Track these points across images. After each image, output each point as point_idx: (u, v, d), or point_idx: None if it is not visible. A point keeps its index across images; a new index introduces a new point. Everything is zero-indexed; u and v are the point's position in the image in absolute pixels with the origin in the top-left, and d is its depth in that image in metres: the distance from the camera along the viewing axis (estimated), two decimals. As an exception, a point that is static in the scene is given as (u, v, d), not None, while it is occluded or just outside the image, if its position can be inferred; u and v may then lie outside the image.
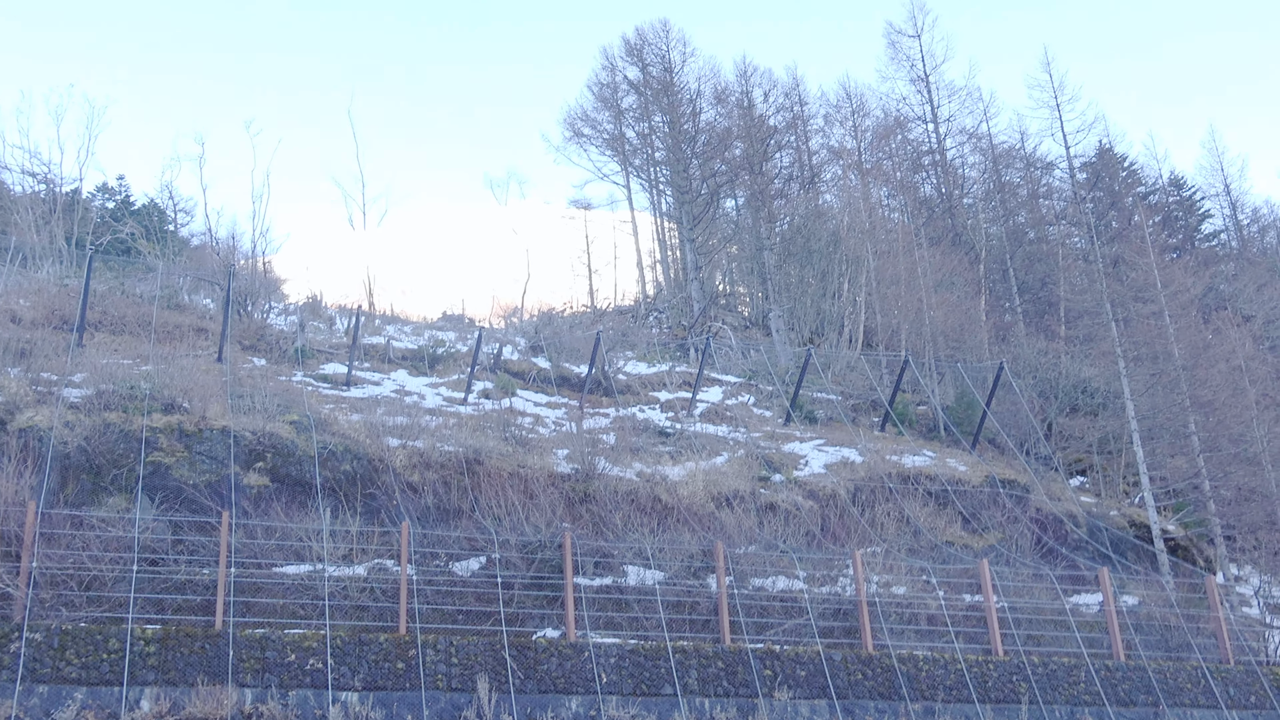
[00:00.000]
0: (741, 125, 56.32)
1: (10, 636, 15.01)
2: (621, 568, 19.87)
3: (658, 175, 61.29)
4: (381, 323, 41.03)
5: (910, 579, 21.17)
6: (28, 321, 26.90)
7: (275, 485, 20.13)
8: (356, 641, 16.52)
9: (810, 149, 61.15)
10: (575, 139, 63.07)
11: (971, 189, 57.47)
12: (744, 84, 59.30)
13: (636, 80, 61.12)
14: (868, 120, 60.31)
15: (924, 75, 59.43)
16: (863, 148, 59.01)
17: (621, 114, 62.02)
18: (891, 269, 42.32)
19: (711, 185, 55.11)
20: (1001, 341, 40.42)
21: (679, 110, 57.46)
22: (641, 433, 27.60)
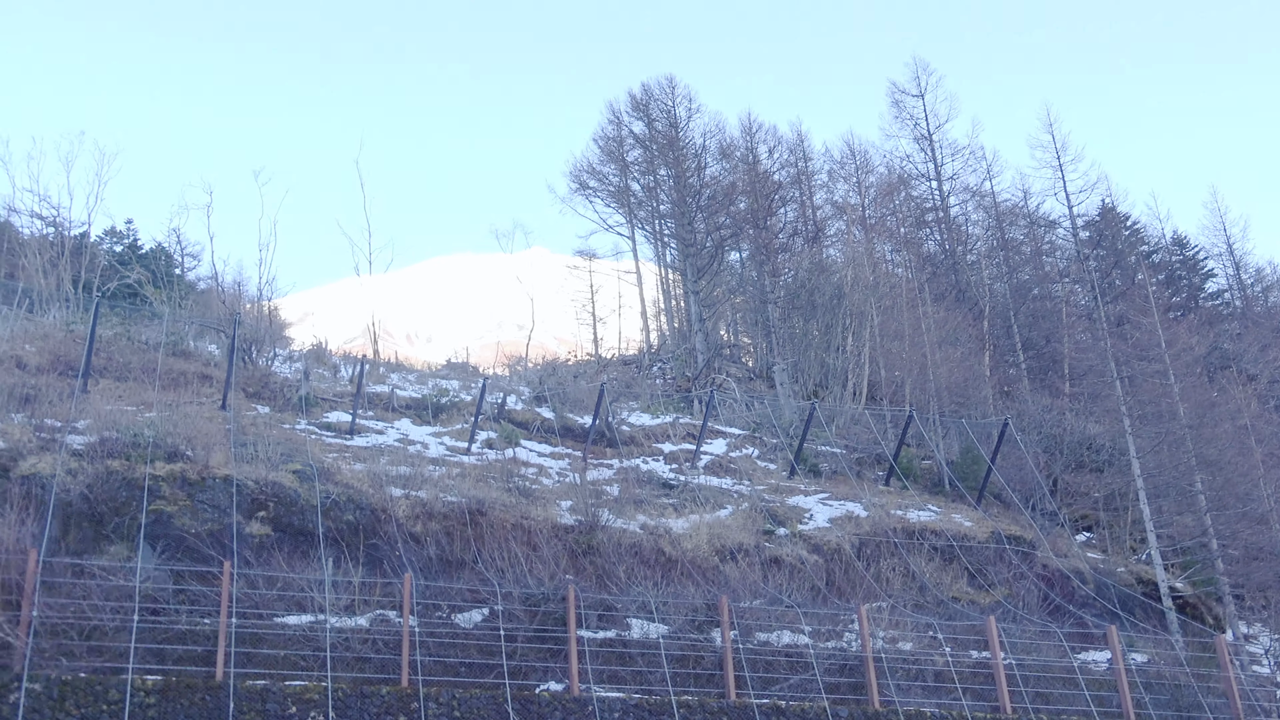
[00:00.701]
0: (746, 180, 56.69)
1: (10, 687, 14.86)
2: (625, 621, 19.70)
3: (662, 227, 61.62)
4: (386, 370, 41.00)
5: (916, 635, 20.97)
6: (33, 367, 26.91)
7: (278, 534, 20.02)
8: (359, 694, 16.34)
9: (814, 204, 61.56)
10: (581, 191, 63.55)
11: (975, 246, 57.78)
12: (749, 139, 59.78)
13: (642, 134, 61.65)
14: (871, 176, 60.84)
15: (927, 134, 59.96)
16: (866, 204, 59.42)
17: (627, 167, 62.49)
18: (895, 324, 42.39)
19: (716, 239, 55.36)
20: (1006, 397, 40.39)
21: (684, 164, 57.86)
22: (645, 484, 27.48)
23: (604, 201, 63.93)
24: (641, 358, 57.88)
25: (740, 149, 59.89)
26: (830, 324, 45.23)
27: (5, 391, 23.24)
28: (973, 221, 59.99)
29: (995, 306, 50.12)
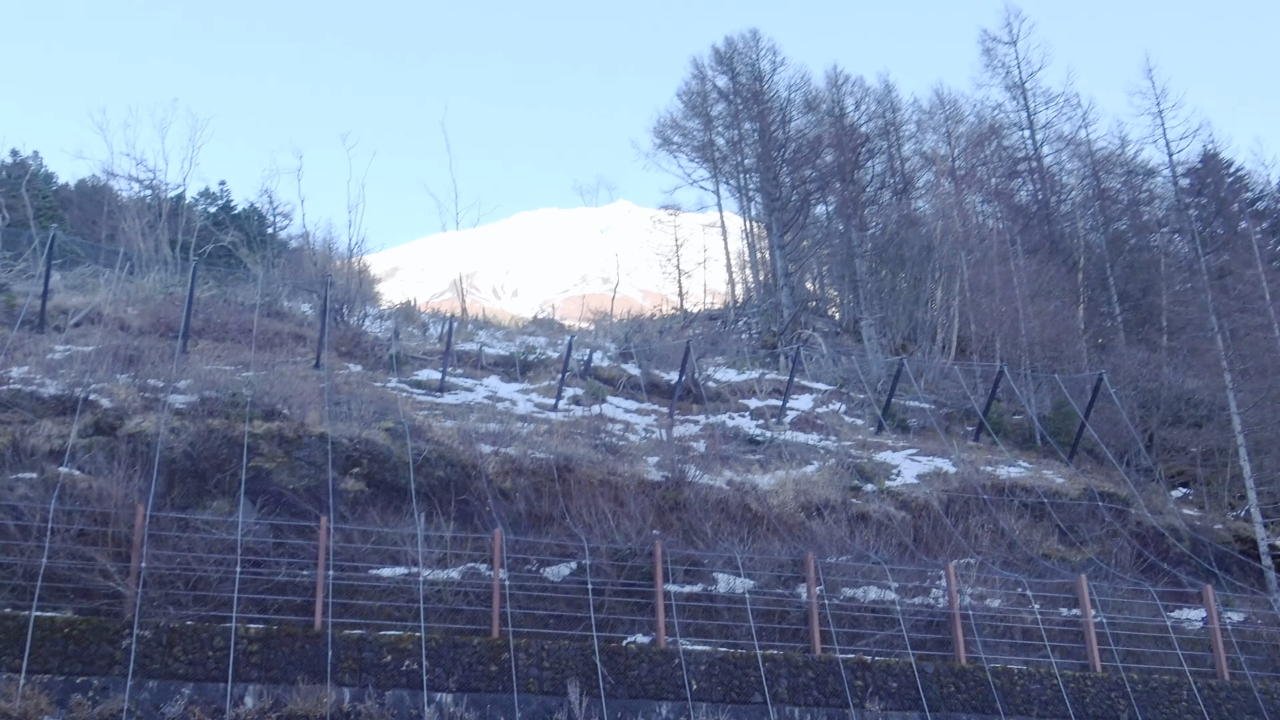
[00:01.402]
0: (832, 133, 55.91)
1: (122, 633, 15.56)
2: (712, 575, 19.87)
3: (747, 182, 61.14)
4: (474, 328, 41.57)
5: (1005, 592, 20.81)
6: (135, 329, 27.82)
7: (371, 490, 20.54)
8: (451, 644, 16.77)
9: (903, 155, 60.47)
10: (665, 146, 63.25)
11: (1069, 196, 56.22)
12: (835, 92, 58.87)
13: (726, 89, 61.10)
14: (961, 127, 59.46)
15: (1019, 82, 58.32)
16: (956, 154, 58.20)
17: (711, 121, 62.04)
18: (986, 277, 41.63)
19: (802, 193, 54.77)
20: (1100, 351, 39.46)
21: (769, 118, 57.25)
22: (731, 440, 27.56)
23: (688, 156, 63.59)
24: (727, 312, 57.76)
25: (826, 101, 59.04)
26: (919, 277, 44.61)
27: (110, 353, 24.09)
28: (1067, 171, 58.28)
29: (1090, 258, 48.84)
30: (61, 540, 16.67)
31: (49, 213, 44.07)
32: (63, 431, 19.77)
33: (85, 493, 17.87)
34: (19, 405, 20.55)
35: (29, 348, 24.42)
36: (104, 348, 24.55)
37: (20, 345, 24.38)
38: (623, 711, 16.75)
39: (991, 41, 59.16)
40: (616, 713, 16.70)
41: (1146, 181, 57.73)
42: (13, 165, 50.26)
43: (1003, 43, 58.81)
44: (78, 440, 19.61)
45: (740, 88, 60.12)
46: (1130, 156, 57.69)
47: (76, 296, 30.48)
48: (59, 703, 14.66)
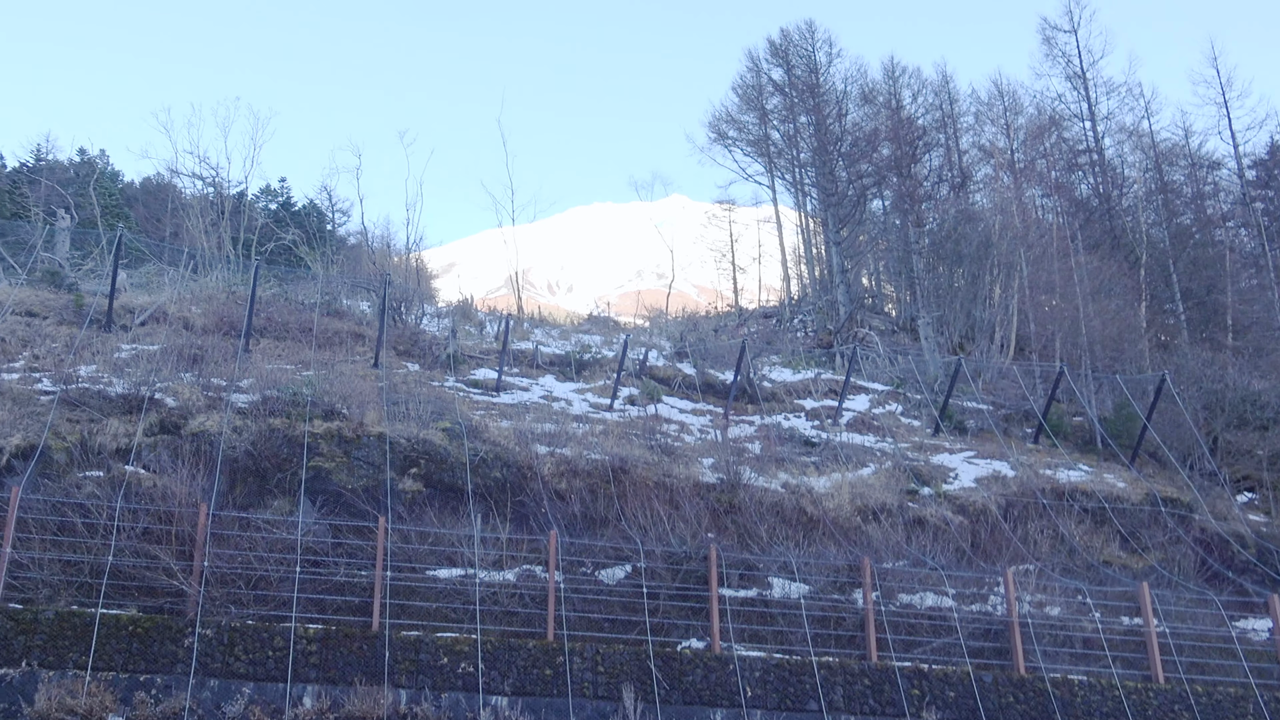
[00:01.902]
0: (889, 126, 55.46)
1: (184, 632, 15.84)
2: (766, 580, 19.82)
3: (803, 176, 60.86)
4: (529, 326, 41.78)
5: (1065, 600, 20.53)
6: (199, 328, 28.29)
7: (428, 490, 20.72)
8: (506, 647, 16.88)
9: (960, 148, 59.84)
10: (719, 140, 63.15)
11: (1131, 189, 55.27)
12: (891, 84, 58.42)
13: (781, 81, 60.85)
14: (1020, 118, 58.69)
15: (1080, 71, 57.45)
16: (1015, 147, 57.44)
17: (766, 115, 61.81)
18: (1046, 274, 41.06)
19: (858, 187, 54.42)
20: (1163, 351, 38.79)
21: (825, 111, 56.93)
22: (786, 442, 27.45)
23: (743, 150, 63.45)
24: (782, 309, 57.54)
25: (883, 93, 58.63)
26: (977, 274, 44.11)
27: (175, 352, 24.52)
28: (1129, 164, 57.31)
29: (1153, 254, 47.99)
30: (127, 538, 17.00)
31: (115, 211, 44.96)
32: (129, 430, 20.16)
33: (150, 491, 18.21)
34: (87, 404, 20.98)
35: (97, 346, 24.93)
36: (169, 347, 24.99)
37: (88, 344, 24.90)
38: (677, 717, 16.76)
39: (1051, 30, 58.34)
40: (671, 718, 16.72)
41: (1211, 174, 56.64)
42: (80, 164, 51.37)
43: (1063, 31, 57.98)
44: (143, 439, 19.99)
45: (796, 80, 59.85)
46: (1194, 148, 56.68)
47: (142, 295, 31.06)
48: (123, 700, 14.96)
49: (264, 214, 48.82)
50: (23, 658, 15.05)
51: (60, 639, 15.32)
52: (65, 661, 15.15)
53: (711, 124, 63.58)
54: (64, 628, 15.41)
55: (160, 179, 53.49)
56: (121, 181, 54.63)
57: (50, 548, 16.69)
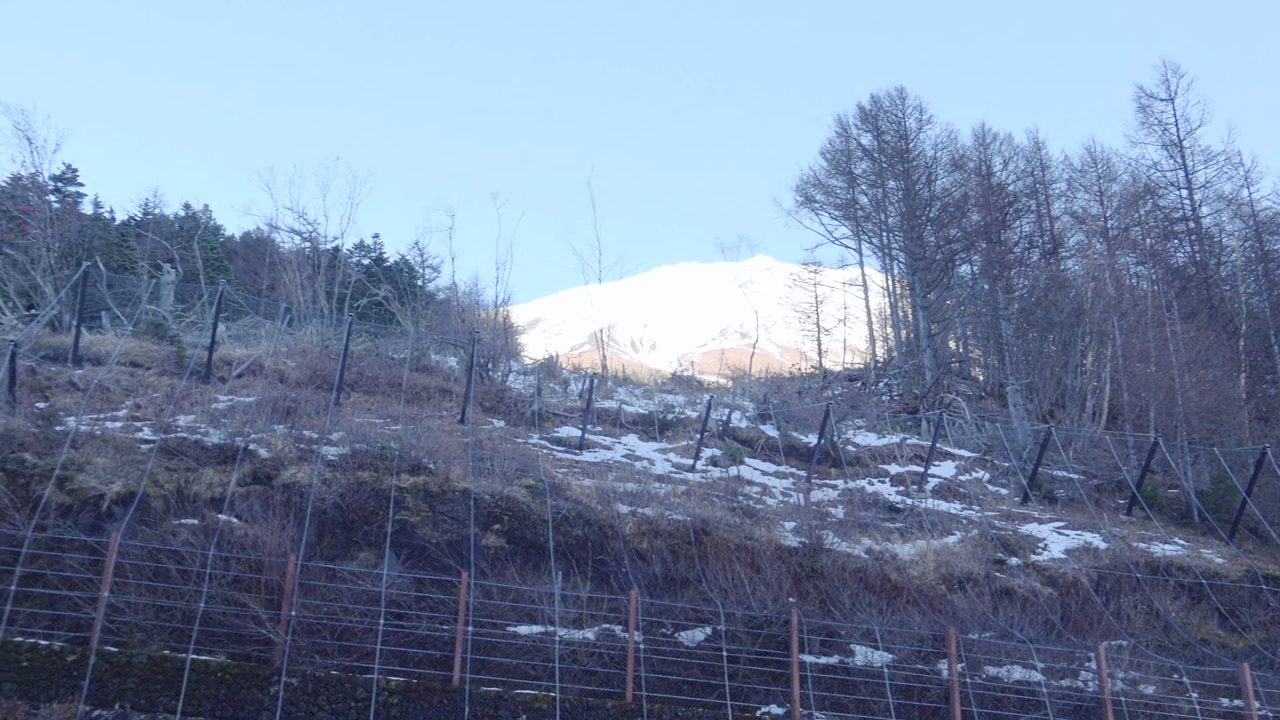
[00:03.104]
0: (979, 191, 55.15)
1: (270, 679, 16.10)
2: (848, 647, 19.54)
3: (890, 240, 60.69)
4: (613, 385, 42.02)
5: (1160, 678, 19.89)
6: (293, 381, 28.98)
7: (511, 547, 20.86)
8: (584, 706, 16.85)
9: (1052, 214, 59.21)
10: (806, 204, 63.39)
11: (1230, 258, 54.07)
12: (982, 150, 58.15)
13: (870, 146, 60.97)
14: (1114, 185, 57.99)
15: (1177, 140, 56.60)
16: (1109, 214, 56.67)
17: (854, 180, 61.94)
18: (1140, 343, 40.23)
19: (946, 252, 54.07)
20: (1264, 423, 37.69)
21: (914, 176, 56.85)
22: (870, 507, 27.14)
23: (830, 214, 63.61)
24: (867, 372, 57.11)
25: (973, 160, 58.36)
26: (1068, 341, 43.38)
27: (269, 404, 25.13)
28: (1227, 233, 56.11)
29: (1253, 324, 46.79)
30: (218, 585, 17.39)
31: (217, 264, 46.45)
32: (223, 479, 20.67)
33: (241, 540, 18.62)
34: (185, 453, 21.58)
35: (195, 397, 25.67)
36: (264, 399, 25.63)
37: (188, 394, 25.65)
38: (755, 784, 16.53)
39: (1148, 98, 57.67)
40: (749, 785, 16.50)
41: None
42: (185, 219, 53.28)
43: (1160, 99, 57.29)
44: (236, 489, 20.47)
45: (885, 146, 59.90)
46: (1297, 217, 55.20)
47: (240, 348, 31.95)
48: (210, 745, 15.22)
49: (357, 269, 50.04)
50: (116, 700, 15.42)
51: (152, 683, 15.67)
52: (156, 705, 15.49)
53: (799, 188, 63.96)
54: (156, 672, 15.77)
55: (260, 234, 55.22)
56: (223, 236, 56.51)
57: (145, 593, 17.14)
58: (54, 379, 25.98)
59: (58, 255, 34.59)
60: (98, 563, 17.14)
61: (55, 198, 44.44)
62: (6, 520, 18.08)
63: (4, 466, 19.77)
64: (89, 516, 19.10)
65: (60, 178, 49.71)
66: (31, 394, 24.40)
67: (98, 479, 19.76)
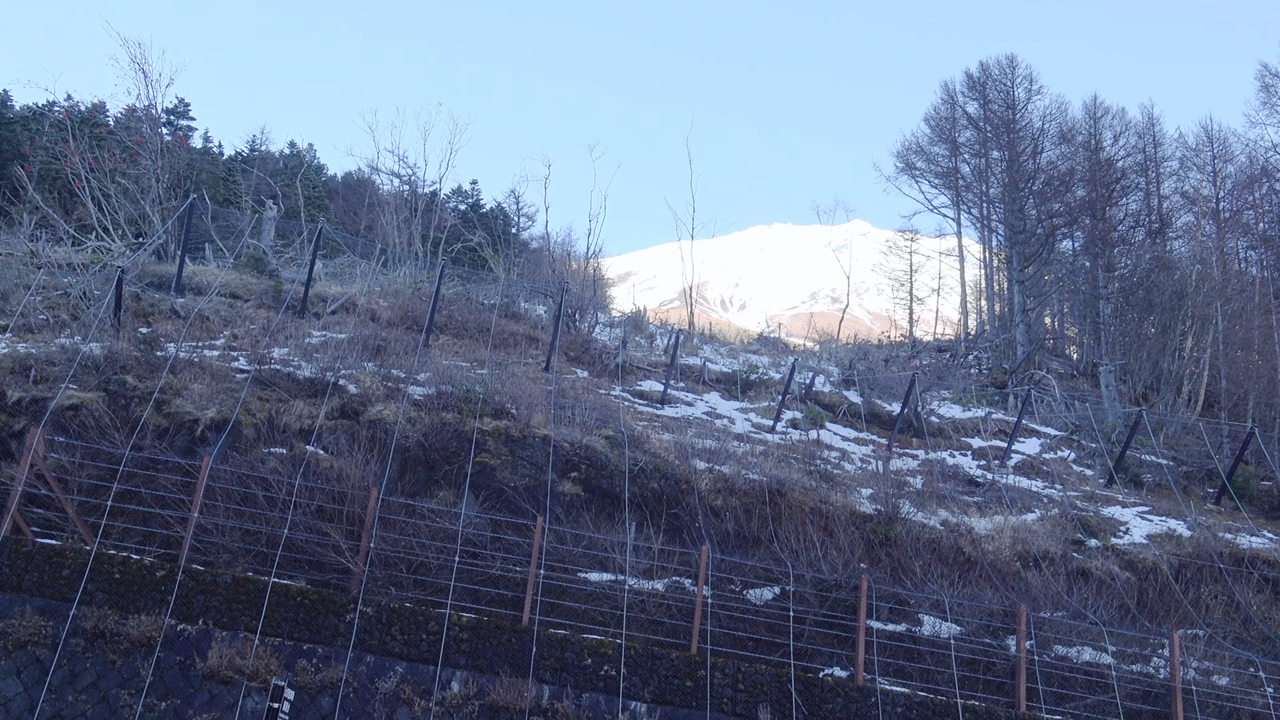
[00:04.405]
0: (1086, 167, 53.69)
1: (347, 607, 16.64)
2: (917, 616, 19.52)
3: (990, 212, 59.52)
4: (699, 342, 42.08)
5: (1235, 670, 19.52)
6: (384, 321, 29.59)
7: (586, 495, 21.16)
8: (649, 655, 17.12)
9: (1161, 193, 57.45)
10: (907, 171, 62.38)
11: (1346, 247, 51.99)
12: (1092, 124, 56.53)
13: (976, 115, 59.69)
14: (1230, 167, 55.98)
15: (1300, 120, 54.37)
16: (1221, 195, 54.83)
17: (957, 148, 60.76)
18: (1243, 329, 39.05)
19: (1048, 226, 52.83)
20: (1367, 418, 36.34)
21: (1019, 147, 55.56)
22: (950, 479, 26.91)
23: (930, 182, 62.54)
24: (957, 344, 56.26)
25: (1082, 133, 56.78)
26: (1168, 324, 42.21)
27: (360, 342, 25.72)
28: (1346, 220, 53.94)
29: (1365, 316, 44.99)
30: (302, 514, 17.98)
31: (317, 203, 47.41)
32: (312, 412, 21.28)
33: (326, 472, 19.20)
34: (277, 385, 22.23)
35: (290, 331, 26.37)
36: (355, 336, 26.23)
37: (283, 328, 26.37)
38: (813, 744, 16.67)
39: (1271, 77, 55.38)
40: (807, 744, 16.65)
41: None
42: (289, 157, 54.38)
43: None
44: (325, 422, 21.06)
45: (991, 115, 58.61)
46: None
47: (335, 286, 32.69)
48: (286, 665, 15.81)
49: (453, 214, 50.69)
50: (200, 616, 16.09)
51: (235, 602, 16.31)
52: (238, 624, 16.13)
53: (900, 154, 62.95)
54: (239, 592, 16.41)
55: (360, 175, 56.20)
56: (325, 175, 57.59)
57: (233, 516, 17.79)
58: (157, 306, 26.88)
59: (166, 186, 35.60)
60: (189, 484, 17.82)
61: (166, 130, 45.67)
62: (106, 438, 18.87)
63: (106, 387, 20.60)
64: (184, 440, 19.84)
65: (172, 111, 51.07)
66: (135, 319, 25.30)
67: (194, 404, 20.49)
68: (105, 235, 32.68)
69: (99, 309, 23.67)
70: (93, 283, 25.70)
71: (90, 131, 39.09)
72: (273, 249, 35.51)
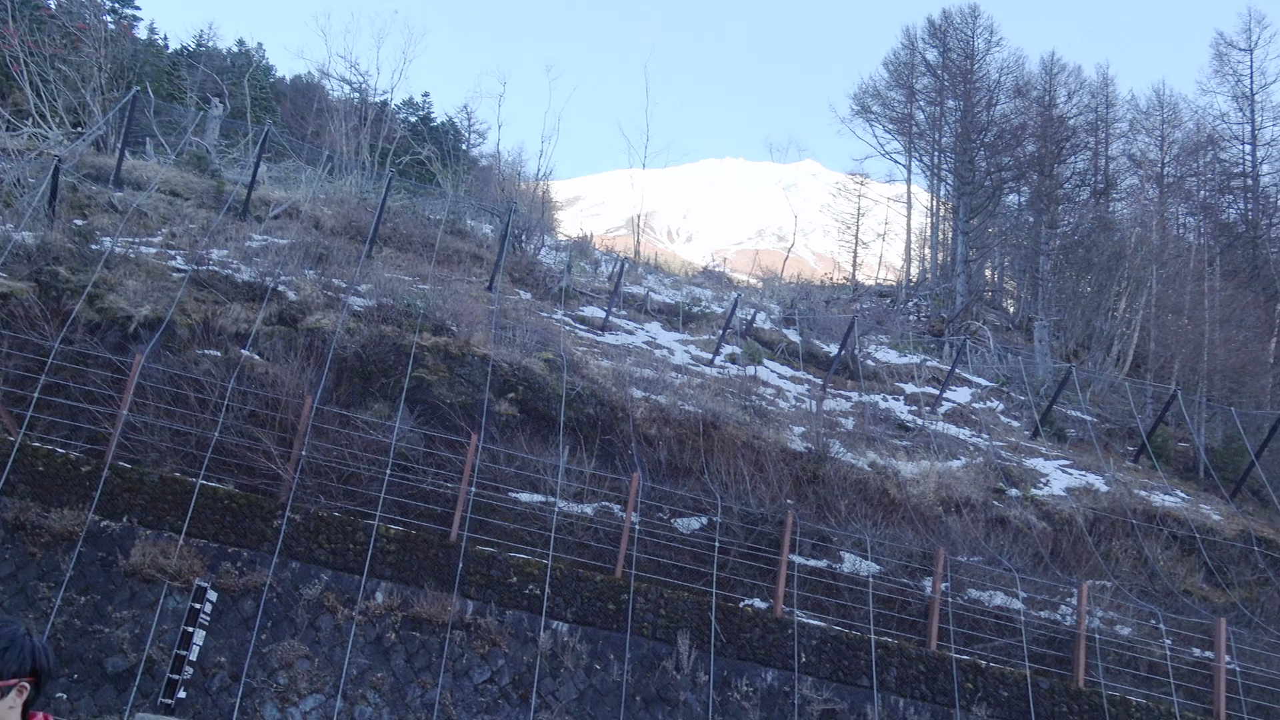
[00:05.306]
0: (1038, 123, 54.13)
1: (275, 513, 16.63)
2: (838, 554, 19.96)
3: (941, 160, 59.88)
4: (643, 272, 42.10)
5: (1138, 622, 20.27)
6: (328, 229, 29.20)
7: (522, 416, 21.24)
8: (574, 576, 17.36)
9: (1109, 155, 58.13)
10: (862, 114, 62.50)
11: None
12: (1048, 80, 56.91)
13: (935, 63, 59.81)
14: (1177, 132, 56.73)
15: (1249, 93, 55.11)
16: (1167, 160, 55.59)
17: (913, 95, 60.89)
18: (1176, 294, 39.88)
19: (996, 179, 53.33)
20: (1286, 389, 37.46)
21: (974, 98, 55.81)
22: (881, 422, 27.37)
23: (884, 127, 62.74)
24: (898, 290, 56.87)
25: (1037, 89, 57.19)
26: (1104, 284, 42.98)
27: (302, 249, 25.40)
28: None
29: (1294, 289, 46.11)
30: (234, 418, 17.86)
31: (264, 105, 46.32)
32: (249, 317, 21.04)
33: (261, 377, 19.06)
34: (214, 286, 21.93)
35: (230, 233, 25.95)
36: (297, 243, 25.88)
37: (223, 230, 25.93)
38: (729, 670, 17.09)
39: (1225, 46, 56.05)
40: (723, 670, 17.06)
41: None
42: (237, 55, 52.99)
43: (1238, 49, 55.64)
44: (262, 327, 20.85)
45: (950, 64, 58.76)
46: (1358, 188, 54.03)
47: (279, 190, 32.12)
48: (210, 567, 15.81)
49: (403, 126, 49.80)
50: (125, 513, 16.00)
51: (161, 502, 16.22)
52: (163, 523, 16.06)
53: (856, 96, 63.10)
54: (166, 492, 16.32)
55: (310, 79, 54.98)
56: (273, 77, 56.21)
57: (163, 416, 17.63)
58: (94, 198, 26.27)
59: (108, 77, 34.57)
60: (120, 381, 17.61)
61: (110, 19, 44.20)
62: (36, 329, 18.53)
63: (37, 278, 20.18)
64: (115, 336, 19.54)
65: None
66: (71, 211, 24.72)
67: (128, 301, 20.16)
68: (42, 122, 31.72)
69: (33, 198, 23.08)
70: (28, 170, 25.01)
71: (31, 14, 37.72)
72: (216, 149, 34.73)
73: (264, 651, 15.38)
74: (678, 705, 16.54)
